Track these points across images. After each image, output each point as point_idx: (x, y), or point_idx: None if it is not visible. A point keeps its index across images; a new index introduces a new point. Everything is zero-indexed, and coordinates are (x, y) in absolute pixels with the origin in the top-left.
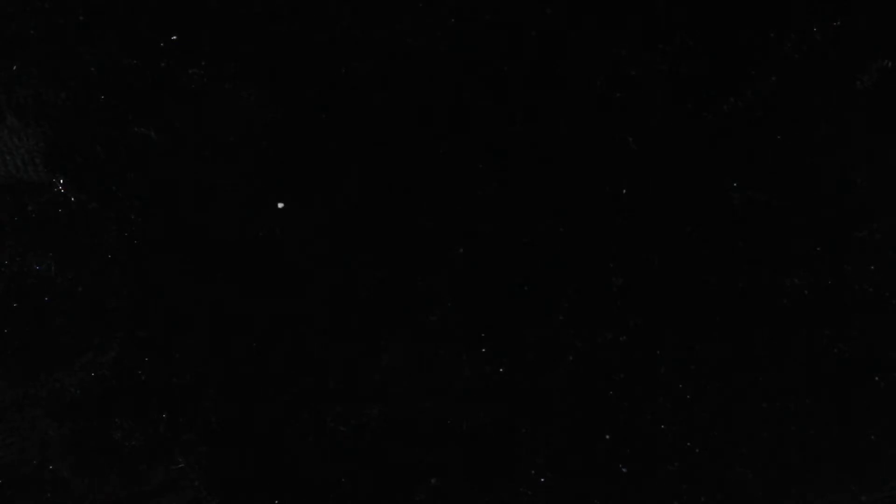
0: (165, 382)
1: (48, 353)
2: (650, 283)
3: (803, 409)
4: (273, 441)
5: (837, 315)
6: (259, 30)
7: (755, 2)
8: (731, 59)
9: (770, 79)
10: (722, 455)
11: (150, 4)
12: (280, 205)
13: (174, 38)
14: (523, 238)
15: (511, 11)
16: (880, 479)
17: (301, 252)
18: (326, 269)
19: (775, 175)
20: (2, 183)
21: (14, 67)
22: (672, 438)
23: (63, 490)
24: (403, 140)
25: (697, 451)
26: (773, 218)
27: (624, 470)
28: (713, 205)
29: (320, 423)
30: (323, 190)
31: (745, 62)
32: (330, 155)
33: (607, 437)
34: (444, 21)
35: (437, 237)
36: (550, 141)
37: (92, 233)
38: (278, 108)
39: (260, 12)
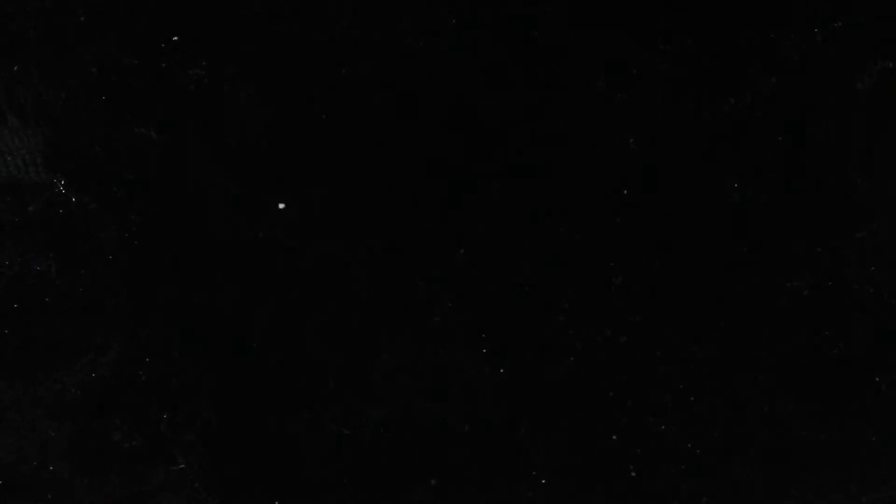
0: (165, 382)
1: (48, 353)
2: (650, 283)
3: (803, 409)
4: (273, 441)
5: (837, 315)
6: (259, 30)
7: (755, 2)
8: (731, 59)
9: (770, 79)
10: (722, 455)
11: (150, 4)
12: (280, 205)
13: (174, 38)
14: (523, 238)
15: (511, 11)
16: (880, 479)
17: (301, 252)
18: (326, 270)
19: (775, 175)
20: (2, 183)
21: (14, 67)
22: (672, 438)
23: (63, 490)
24: (403, 140)
25: (698, 451)
26: (773, 218)
27: (633, 473)
28: (713, 205)
29: (320, 424)
30: (323, 190)
31: (745, 62)
32: (330, 155)
33: (614, 437)
34: (444, 21)
35: (438, 237)
36: (551, 141)
37: (92, 233)
38: (278, 108)
39: (260, 12)
